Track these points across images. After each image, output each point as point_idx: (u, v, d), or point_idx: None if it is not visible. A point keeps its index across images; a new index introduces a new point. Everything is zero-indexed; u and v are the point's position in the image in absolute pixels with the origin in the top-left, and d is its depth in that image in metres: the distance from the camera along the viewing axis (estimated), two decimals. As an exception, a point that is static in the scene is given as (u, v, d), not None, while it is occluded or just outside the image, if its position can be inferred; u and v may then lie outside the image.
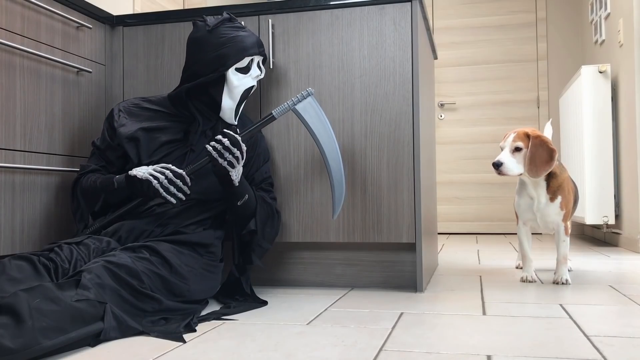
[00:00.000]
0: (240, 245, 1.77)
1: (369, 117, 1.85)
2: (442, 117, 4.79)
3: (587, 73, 3.43)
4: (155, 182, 1.53)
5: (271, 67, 1.91)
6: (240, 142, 1.58)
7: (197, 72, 1.70)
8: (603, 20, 3.78)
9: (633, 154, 3.14)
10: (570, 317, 1.44)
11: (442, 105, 4.79)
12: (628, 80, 3.22)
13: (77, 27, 1.88)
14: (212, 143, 1.57)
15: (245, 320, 1.44)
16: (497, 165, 1.88)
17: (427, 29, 2.12)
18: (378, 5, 1.85)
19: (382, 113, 1.84)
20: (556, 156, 1.87)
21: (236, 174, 1.61)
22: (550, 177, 1.94)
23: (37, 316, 1.10)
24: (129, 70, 2.04)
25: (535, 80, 4.65)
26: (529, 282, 2.01)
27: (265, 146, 1.85)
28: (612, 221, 3.36)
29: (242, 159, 1.60)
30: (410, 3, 1.83)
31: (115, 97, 2.04)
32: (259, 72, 1.77)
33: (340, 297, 1.74)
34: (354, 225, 1.85)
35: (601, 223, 3.39)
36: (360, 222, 1.84)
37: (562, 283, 1.96)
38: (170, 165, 1.58)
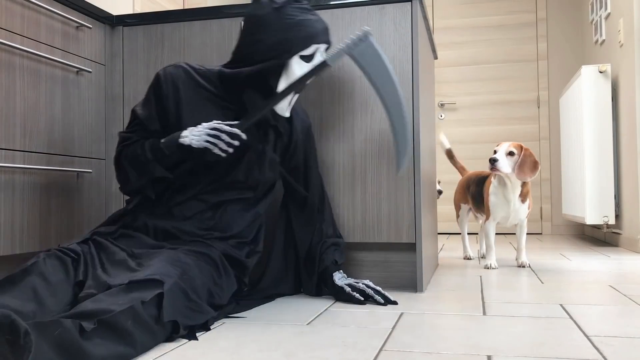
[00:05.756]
0: (311, 272, 1.74)
1: (369, 117, 1.85)
2: (442, 117, 4.79)
3: (588, 73, 3.43)
4: (216, 149, 1.47)
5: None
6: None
7: (254, 53, 1.54)
8: (603, 20, 3.78)
9: (633, 154, 3.14)
10: (570, 317, 1.44)
11: (442, 105, 4.79)
12: (628, 80, 3.22)
13: (77, 27, 1.88)
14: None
15: (245, 321, 1.44)
16: (494, 161, 2.34)
17: (427, 29, 2.12)
18: (378, 5, 1.85)
19: (382, 113, 1.84)
20: (539, 168, 2.33)
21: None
22: (523, 184, 2.46)
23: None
24: (129, 70, 2.04)
25: (536, 80, 4.65)
26: (492, 269, 2.41)
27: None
28: (612, 221, 3.36)
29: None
30: (410, 3, 1.83)
31: (115, 97, 2.04)
32: None
33: (340, 297, 1.74)
34: (354, 225, 1.85)
35: (601, 223, 3.39)
36: (360, 222, 1.84)
37: (525, 266, 2.47)
38: (223, 126, 1.48)
